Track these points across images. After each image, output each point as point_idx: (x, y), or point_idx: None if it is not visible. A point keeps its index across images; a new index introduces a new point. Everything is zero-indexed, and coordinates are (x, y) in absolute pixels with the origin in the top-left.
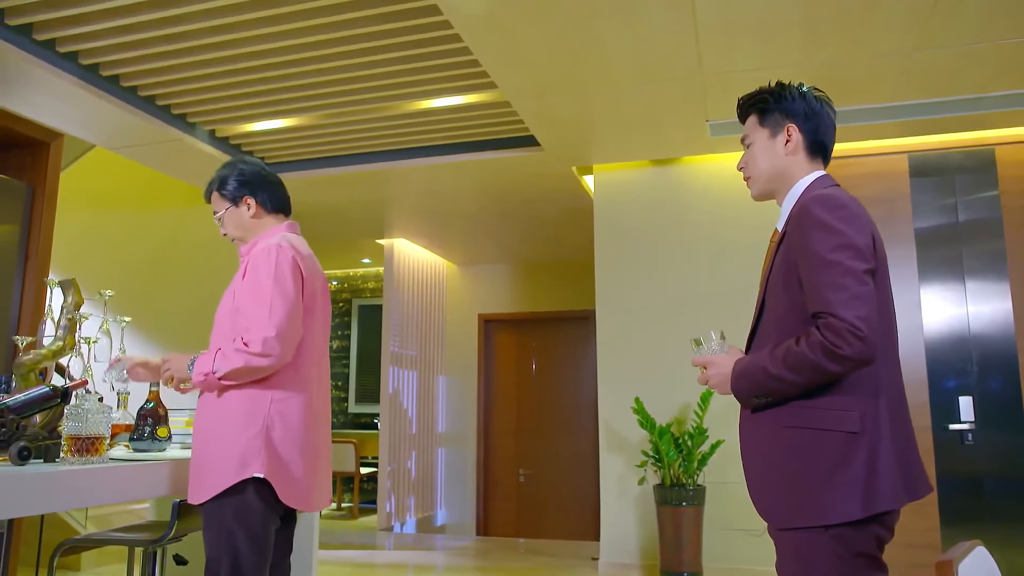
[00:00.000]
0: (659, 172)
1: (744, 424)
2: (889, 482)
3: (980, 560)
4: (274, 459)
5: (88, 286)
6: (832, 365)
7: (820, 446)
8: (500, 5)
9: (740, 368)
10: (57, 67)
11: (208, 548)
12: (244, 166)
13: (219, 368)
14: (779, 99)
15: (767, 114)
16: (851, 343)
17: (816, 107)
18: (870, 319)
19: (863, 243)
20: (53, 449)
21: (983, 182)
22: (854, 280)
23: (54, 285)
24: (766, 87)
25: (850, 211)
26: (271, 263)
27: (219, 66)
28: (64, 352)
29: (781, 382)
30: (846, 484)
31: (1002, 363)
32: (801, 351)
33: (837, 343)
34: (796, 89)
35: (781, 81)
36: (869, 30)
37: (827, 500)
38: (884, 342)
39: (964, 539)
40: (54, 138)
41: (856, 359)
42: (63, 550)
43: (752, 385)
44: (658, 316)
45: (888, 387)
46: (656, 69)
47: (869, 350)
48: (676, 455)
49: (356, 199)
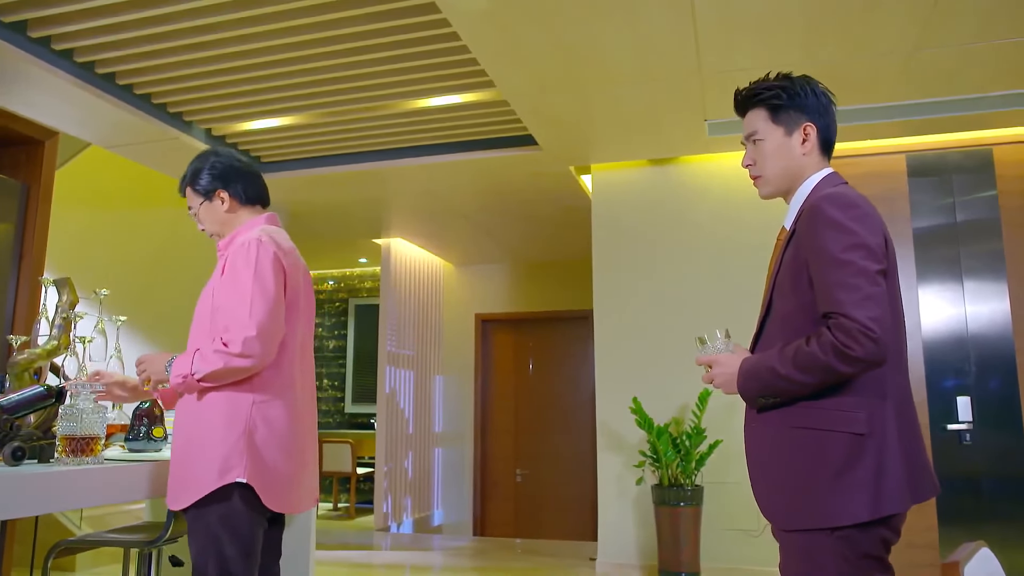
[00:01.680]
0: (657, 172)
1: (750, 424)
2: (897, 484)
3: (985, 562)
4: (257, 463)
5: (85, 285)
6: (843, 366)
7: (827, 447)
8: (498, 3)
9: (747, 367)
10: (52, 65)
11: (194, 554)
12: (216, 158)
13: (198, 370)
14: (792, 95)
15: (780, 111)
16: (863, 344)
17: (826, 103)
18: (882, 320)
19: (875, 243)
20: (47, 449)
21: (981, 182)
22: (867, 280)
23: (49, 284)
24: (774, 80)
25: (862, 210)
26: (251, 259)
27: (215, 64)
28: (59, 351)
29: (790, 382)
30: (853, 486)
31: (1000, 363)
32: (812, 351)
33: (849, 344)
34: (807, 84)
35: (787, 73)
36: (869, 30)
37: (834, 502)
38: (895, 344)
39: (962, 539)
40: (49, 136)
41: (867, 360)
42: (58, 551)
43: (760, 385)
44: (656, 316)
45: (896, 389)
46: (655, 68)
47: (881, 351)
48: (674, 455)
49: (353, 198)
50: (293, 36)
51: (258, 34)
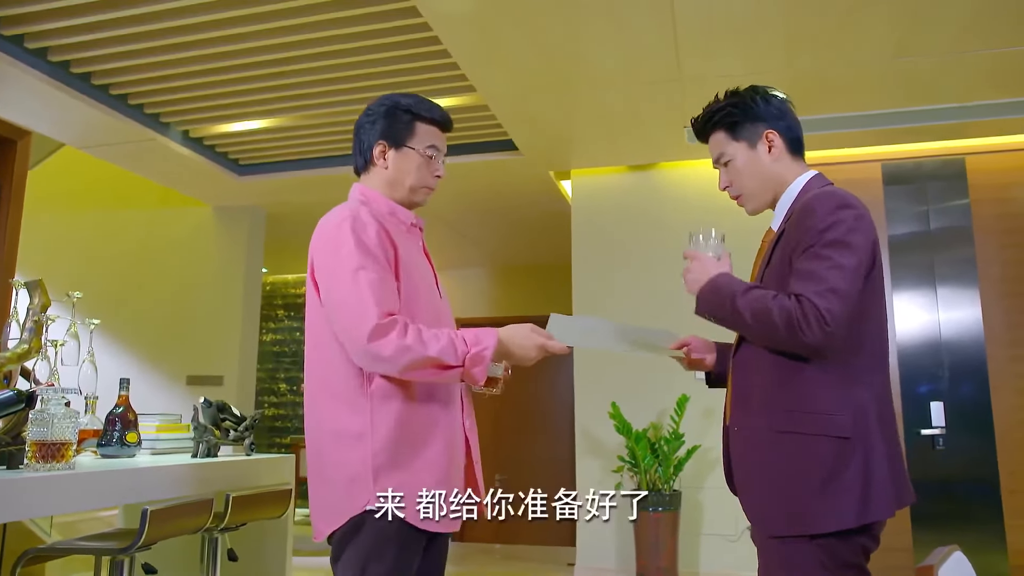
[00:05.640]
0: (636, 177)
1: (733, 429)
2: (883, 490)
3: (959, 565)
4: None
5: (57, 288)
6: (786, 337)
7: (813, 452)
8: (479, 7)
9: (717, 281)
10: (25, 63)
11: None
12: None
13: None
14: (745, 108)
15: (738, 127)
16: (815, 330)
17: (779, 104)
18: (840, 317)
19: (860, 242)
20: (17, 455)
21: (954, 191)
22: (839, 275)
23: (20, 286)
24: (724, 100)
25: (856, 211)
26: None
27: (194, 65)
28: (30, 355)
29: (738, 318)
30: (840, 492)
31: (972, 369)
32: (770, 308)
33: (803, 324)
34: (755, 93)
35: (734, 89)
36: (848, 37)
37: (822, 508)
38: (880, 347)
39: (936, 543)
40: (22, 136)
41: (812, 346)
42: (27, 559)
43: (716, 301)
44: (634, 321)
45: (880, 394)
46: (635, 74)
47: (828, 344)
48: (652, 460)
49: (334, 201)
50: (273, 38)
51: (237, 35)
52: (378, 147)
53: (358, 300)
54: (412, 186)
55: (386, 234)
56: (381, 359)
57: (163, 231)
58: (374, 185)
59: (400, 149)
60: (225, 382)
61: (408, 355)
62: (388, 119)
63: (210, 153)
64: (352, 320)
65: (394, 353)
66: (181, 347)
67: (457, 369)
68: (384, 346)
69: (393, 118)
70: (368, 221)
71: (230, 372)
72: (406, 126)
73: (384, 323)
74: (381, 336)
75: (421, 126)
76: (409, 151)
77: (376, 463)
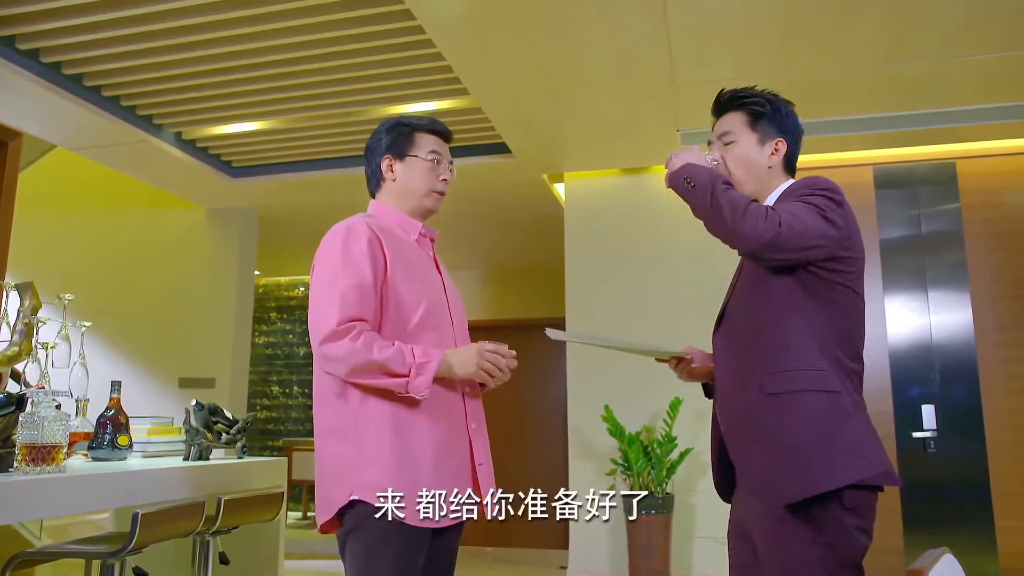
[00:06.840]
0: (629, 181)
1: (723, 403)
2: (882, 449)
3: (949, 567)
4: None
5: (48, 290)
6: (741, 222)
7: (809, 408)
8: (472, 9)
9: (700, 165)
10: (17, 64)
11: None
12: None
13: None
14: (776, 109)
15: (760, 119)
16: (768, 229)
17: (799, 125)
18: (798, 235)
19: (847, 213)
20: (7, 458)
21: (945, 195)
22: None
23: (10, 288)
24: (758, 91)
25: (843, 198)
26: None
27: (187, 67)
28: (20, 357)
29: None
30: (848, 447)
31: (963, 372)
32: (743, 197)
33: (761, 219)
34: (790, 106)
35: (771, 91)
36: (841, 41)
37: (833, 463)
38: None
39: (926, 545)
40: (13, 137)
41: (756, 240)
42: (16, 563)
43: (695, 174)
44: (627, 324)
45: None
46: (628, 77)
47: (774, 245)
48: (645, 463)
49: (328, 203)
50: (266, 40)
51: (231, 38)
52: (385, 161)
53: (326, 304)
54: (421, 192)
55: (379, 244)
56: (330, 359)
57: (155, 233)
58: (386, 200)
59: (404, 159)
60: (217, 385)
61: (355, 358)
62: (390, 135)
63: (203, 155)
64: (315, 323)
65: (344, 355)
66: (173, 350)
67: (403, 378)
68: (336, 348)
69: (395, 132)
70: (363, 231)
71: (222, 375)
72: (407, 138)
73: (340, 328)
74: (335, 339)
75: (421, 136)
76: (412, 159)
77: (358, 458)
